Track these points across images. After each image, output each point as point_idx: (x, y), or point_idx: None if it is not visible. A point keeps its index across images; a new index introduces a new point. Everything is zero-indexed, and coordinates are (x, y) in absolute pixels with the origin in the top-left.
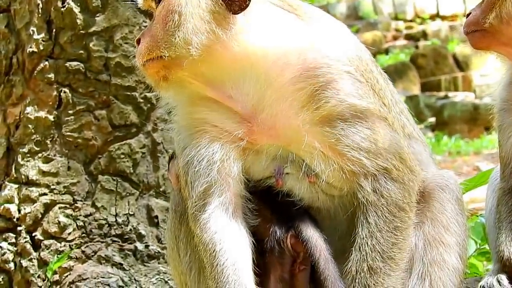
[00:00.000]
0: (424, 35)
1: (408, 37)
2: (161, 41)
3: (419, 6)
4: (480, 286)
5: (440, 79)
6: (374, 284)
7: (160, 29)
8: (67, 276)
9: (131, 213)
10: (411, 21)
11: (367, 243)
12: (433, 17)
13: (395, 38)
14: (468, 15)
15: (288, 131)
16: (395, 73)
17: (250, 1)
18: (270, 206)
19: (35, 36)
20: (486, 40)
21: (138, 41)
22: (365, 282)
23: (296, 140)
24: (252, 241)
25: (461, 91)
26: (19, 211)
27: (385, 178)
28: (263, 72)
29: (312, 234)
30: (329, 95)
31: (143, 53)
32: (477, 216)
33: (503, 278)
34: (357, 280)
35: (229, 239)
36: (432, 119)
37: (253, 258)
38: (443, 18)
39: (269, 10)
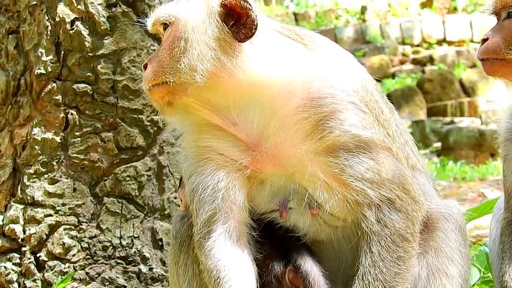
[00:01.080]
0: (431, 60)
1: (415, 61)
2: (166, 66)
3: (426, 31)
4: None
5: (446, 104)
6: None
7: (166, 54)
8: None
9: (135, 235)
10: (418, 46)
11: (370, 272)
12: (440, 42)
13: (401, 62)
14: (484, 40)
15: (291, 160)
16: (402, 98)
17: (256, 29)
18: (269, 241)
19: (43, 58)
20: (505, 69)
21: (145, 66)
22: None
23: (299, 169)
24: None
25: (467, 117)
26: (24, 231)
27: (389, 208)
28: (268, 100)
29: (311, 268)
30: (333, 125)
31: (149, 78)
32: (480, 245)
33: None
34: None
35: (233, 266)
36: (437, 144)
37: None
38: (450, 43)
39: (276, 39)
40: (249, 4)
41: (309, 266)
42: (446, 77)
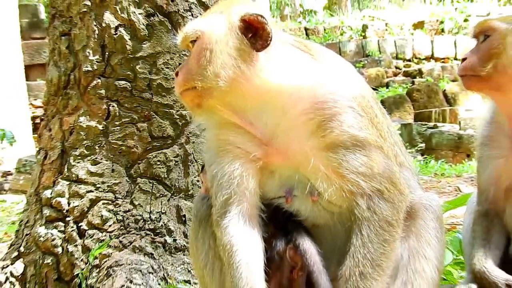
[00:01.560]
0: (419, 73)
1: (406, 74)
2: (195, 74)
3: (417, 49)
4: None
5: (431, 111)
6: (363, 286)
7: (194, 63)
8: (106, 261)
9: (163, 211)
10: (409, 60)
11: (359, 252)
12: (428, 59)
13: (395, 74)
14: (464, 59)
15: (298, 155)
16: (393, 104)
17: (271, 41)
18: (274, 223)
19: (91, 57)
20: (480, 84)
21: (177, 74)
22: (356, 285)
23: (304, 162)
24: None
25: (448, 123)
26: (69, 204)
27: (378, 198)
28: (279, 104)
29: (308, 247)
30: (334, 126)
31: (180, 84)
32: (455, 232)
33: (473, 287)
34: (349, 283)
35: (244, 242)
36: (422, 145)
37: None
38: (437, 59)
39: (287, 49)
40: (265, 19)
41: (308, 245)
42: (432, 88)
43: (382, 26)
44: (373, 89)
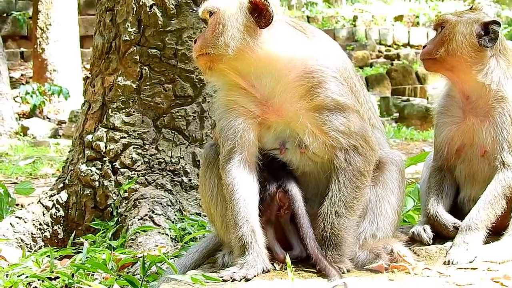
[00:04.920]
0: (398, 56)
1: (387, 57)
2: (209, 42)
3: (396, 37)
4: (411, 232)
5: (405, 87)
6: (337, 223)
7: (209, 34)
8: (133, 194)
9: (181, 156)
10: (390, 46)
11: (336, 195)
12: (405, 45)
13: (377, 56)
14: (424, 46)
15: (289, 114)
16: (375, 81)
17: (272, 20)
18: (269, 170)
19: (129, 29)
20: (435, 66)
21: (195, 41)
22: (331, 221)
23: (294, 120)
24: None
25: (419, 98)
26: (106, 147)
27: (354, 152)
28: (276, 71)
29: (295, 193)
30: (320, 92)
31: (197, 50)
32: (416, 183)
33: (427, 227)
34: (326, 219)
35: (243, 183)
36: (396, 114)
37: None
38: (412, 46)
39: (285, 27)
40: (268, 2)
41: (295, 191)
42: (407, 69)
43: (369, 17)
44: (359, 67)
